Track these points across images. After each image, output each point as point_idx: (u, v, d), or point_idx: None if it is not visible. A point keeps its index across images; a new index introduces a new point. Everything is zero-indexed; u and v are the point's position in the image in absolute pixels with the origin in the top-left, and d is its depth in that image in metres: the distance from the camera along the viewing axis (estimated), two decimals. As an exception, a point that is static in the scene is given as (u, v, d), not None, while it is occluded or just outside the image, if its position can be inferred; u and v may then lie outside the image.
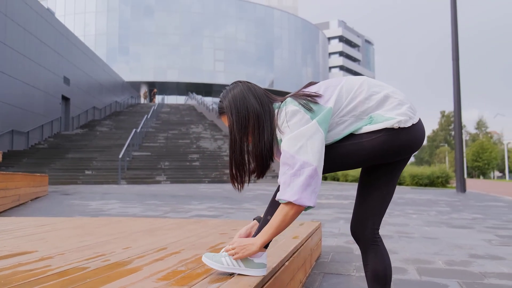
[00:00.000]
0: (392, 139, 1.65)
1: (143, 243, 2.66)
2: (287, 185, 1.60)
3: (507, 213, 7.75)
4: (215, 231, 3.25)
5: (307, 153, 1.59)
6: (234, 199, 9.83)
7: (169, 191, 12.42)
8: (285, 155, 1.61)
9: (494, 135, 72.66)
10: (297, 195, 1.58)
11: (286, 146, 1.61)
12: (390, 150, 1.67)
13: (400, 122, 1.64)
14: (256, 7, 56.33)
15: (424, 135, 1.76)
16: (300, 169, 1.58)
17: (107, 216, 6.30)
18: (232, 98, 1.75)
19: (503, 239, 4.71)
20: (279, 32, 57.36)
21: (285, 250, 2.34)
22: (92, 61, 29.32)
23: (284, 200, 1.61)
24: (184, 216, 6.41)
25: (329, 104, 1.67)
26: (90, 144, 21.68)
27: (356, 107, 1.68)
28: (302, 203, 1.59)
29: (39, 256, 2.21)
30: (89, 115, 28.55)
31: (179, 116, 32.30)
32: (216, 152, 22.28)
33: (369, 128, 1.66)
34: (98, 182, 16.66)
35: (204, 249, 2.45)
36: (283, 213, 1.64)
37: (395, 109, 1.68)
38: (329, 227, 5.42)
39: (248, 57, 54.15)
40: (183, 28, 51.84)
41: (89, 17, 50.88)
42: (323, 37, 68.20)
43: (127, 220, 4.06)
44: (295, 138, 1.61)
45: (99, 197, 9.99)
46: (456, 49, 14.42)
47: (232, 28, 53.77)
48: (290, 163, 1.60)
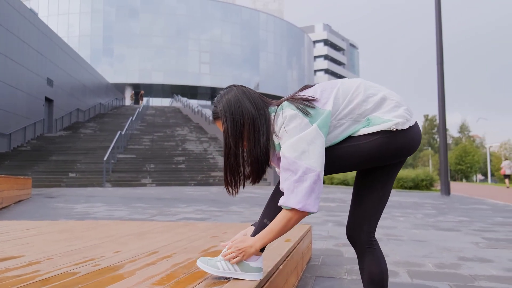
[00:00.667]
0: (390, 142, 1.64)
1: (133, 247, 2.61)
2: (291, 191, 1.57)
3: (491, 216, 7.84)
4: (206, 235, 3.21)
5: (310, 158, 1.57)
6: (221, 202, 9.77)
7: (155, 194, 12.31)
8: (287, 161, 1.59)
9: (476, 139, 73.73)
10: (302, 202, 1.56)
11: (287, 152, 1.59)
12: (388, 152, 1.66)
13: (398, 125, 1.63)
14: (241, 9, 56.39)
15: (420, 138, 1.75)
16: (303, 175, 1.56)
17: (93, 219, 6.20)
18: (227, 102, 1.71)
19: (490, 242, 4.75)
20: (265, 35, 57.49)
21: (279, 253, 2.31)
22: (76, 63, 29.00)
23: (288, 206, 1.59)
24: (172, 219, 6.35)
25: (327, 107, 1.65)
26: (74, 146, 21.41)
27: (354, 109, 1.66)
28: (307, 210, 1.57)
29: (27, 261, 2.15)
30: (73, 117, 28.20)
31: (164, 119, 32.10)
32: (202, 154, 22.17)
33: (367, 131, 1.64)
34: (83, 185, 16.44)
35: (196, 252, 2.41)
36: (286, 219, 1.61)
37: (393, 111, 1.67)
38: (318, 230, 5.41)
39: (234, 59, 54.15)
40: (168, 30, 51.64)
41: (73, 18, 50.41)
42: (309, 40, 68.55)
43: (115, 224, 3.99)
44: (296, 143, 1.58)
45: (84, 200, 9.86)
46: (440, 54, 14.58)
47: (218, 31, 53.72)
48: (293, 169, 1.57)
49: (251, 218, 6.61)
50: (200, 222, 5.32)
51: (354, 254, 3.89)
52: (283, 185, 1.61)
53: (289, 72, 60.89)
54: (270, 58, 57.87)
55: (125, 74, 50.51)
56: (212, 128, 27.22)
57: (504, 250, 4.26)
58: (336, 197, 12.28)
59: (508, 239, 4.99)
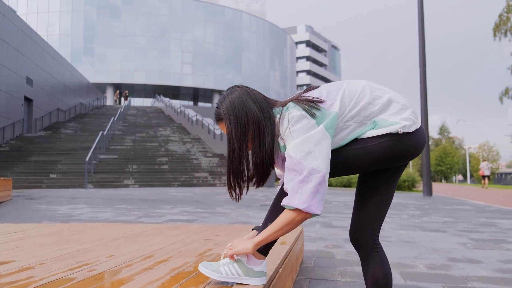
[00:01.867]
0: (396, 144, 1.63)
1: (127, 251, 2.56)
2: (295, 191, 1.54)
3: (475, 216, 7.94)
4: (199, 237, 3.17)
5: (316, 159, 1.54)
6: (206, 203, 9.71)
7: (138, 195, 12.18)
8: (292, 161, 1.56)
9: (455, 140, 74.84)
10: (306, 203, 1.53)
11: (293, 152, 1.56)
12: (394, 155, 1.65)
13: (405, 127, 1.62)
14: (224, 10, 56.28)
15: (425, 141, 1.74)
16: (309, 175, 1.53)
17: (78, 221, 6.10)
18: (230, 103, 1.67)
19: (477, 243, 4.80)
20: (248, 35, 57.47)
21: (278, 256, 2.29)
22: (56, 62, 28.54)
23: (291, 207, 1.56)
24: (158, 221, 6.27)
25: (334, 109, 1.63)
26: (54, 147, 21.07)
27: (360, 111, 1.65)
28: (311, 211, 1.54)
29: (19, 266, 2.09)
30: (53, 117, 27.74)
31: (147, 119, 31.83)
32: (185, 155, 22.04)
33: (373, 133, 1.63)
34: (64, 186, 16.19)
35: (192, 256, 2.37)
36: (289, 219, 1.58)
37: (399, 113, 1.66)
38: (307, 232, 5.40)
39: (216, 60, 54.00)
40: (150, 30, 51.23)
41: (53, 16, 49.65)
42: (291, 41, 68.75)
43: (103, 226, 3.92)
44: (302, 144, 1.55)
45: (66, 202, 9.69)
46: (423, 57, 14.75)
47: (200, 31, 53.51)
48: (298, 169, 1.54)
49: (238, 220, 6.58)
50: (190, 224, 5.27)
51: (345, 256, 3.90)
52: (288, 186, 1.58)
53: (272, 73, 60.97)
54: (253, 58, 57.88)
55: (106, 74, 49.95)
56: (195, 129, 27.09)
57: (491, 251, 4.31)
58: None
59: (494, 239, 5.06)
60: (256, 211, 8.00)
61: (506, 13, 22.01)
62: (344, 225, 6.08)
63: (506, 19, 22.03)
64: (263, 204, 9.78)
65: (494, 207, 10.46)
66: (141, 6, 51.12)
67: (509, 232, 5.70)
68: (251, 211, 7.99)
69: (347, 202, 10.78)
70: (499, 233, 5.60)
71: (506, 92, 22.82)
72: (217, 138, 23.24)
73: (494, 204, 11.82)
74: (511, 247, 4.56)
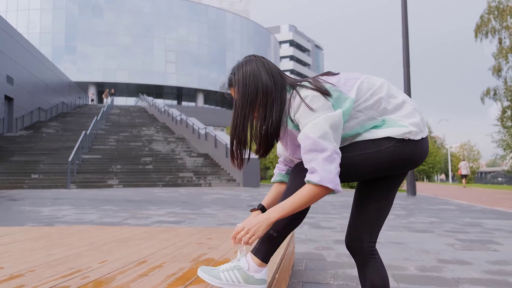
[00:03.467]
0: (401, 151, 1.61)
1: (119, 256, 2.51)
2: (321, 169, 1.52)
3: (460, 216, 8.03)
4: (191, 241, 3.13)
5: (332, 141, 1.54)
6: (192, 204, 9.65)
7: (123, 196, 12.05)
8: (311, 142, 1.53)
9: (437, 140, 75.79)
10: (333, 182, 1.52)
11: (311, 132, 1.53)
12: (397, 162, 1.63)
13: (411, 133, 1.60)
14: (208, 9, 56.10)
15: (428, 151, 1.73)
16: (332, 155, 1.52)
17: (63, 224, 6.00)
18: (244, 71, 1.67)
19: (464, 243, 4.84)
20: (232, 35, 57.39)
21: (274, 261, 2.26)
22: (37, 60, 28.11)
23: (317, 182, 1.52)
24: (146, 223, 6.20)
25: (350, 95, 1.62)
26: (36, 147, 20.75)
27: (374, 105, 1.63)
28: (336, 189, 1.54)
29: (8, 274, 2.03)
30: (34, 116, 27.33)
31: (130, 118, 31.57)
32: (170, 155, 21.90)
33: (379, 134, 1.61)
34: (46, 187, 15.95)
35: (187, 261, 2.33)
36: (311, 194, 1.55)
37: (409, 116, 1.64)
38: (295, 233, 5.39)
39: (200, 59, 53.80)
40: (133, 29, 50.82)
41: (34, 14, 48.92)
42: (275, 41, 68.85)
43: (92, 229, 3.85)
44: (321, 124, 1.53)
45: (50, 203, 9.53)
46: (407, 57, 14.87)
47: (184, 30, 53.26)
48: (319, 148, 1.52)
49: (226, 221, 6.55)
50: (181, 227, 5.23)
51: (336, 258, 3.89)
52: (310, 165, 1.54)
53: (256, 73, 60.88)
54: (237, 58, 57.75)
55: (88, 73, 49.40)
56: (179, 128, 26.94)
57: (479, 251, 4.35)
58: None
59: (481, 240, 5.11)
60: (243, 212, 7.98)
61: (487, 14, 22.33)
62: (332, 226, 6.08)
63: (487, 20, 22.35)
64: (249, 204, 9.76)
65: (477, 207, 10.60)
66: (124, 4, 50.68)
67: (494, 233, 5.76)
68: (237, 212, 7.97)
69: (333, 202, 10.82)
70: (485, 233, 5.66)
71: (487, 92, 23.18)
72: (202, 138, 23.15)
73: (477, 203, 11.98)
74: (497, 247, 4.61)
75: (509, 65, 21.89)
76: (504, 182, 50.00)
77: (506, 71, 22.15)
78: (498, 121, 25.30)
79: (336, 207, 9.47)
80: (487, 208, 10.20)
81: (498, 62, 22.06)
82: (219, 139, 20.90)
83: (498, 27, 22.07)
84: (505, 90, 22.23)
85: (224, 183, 19.02)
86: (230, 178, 19.39)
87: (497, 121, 25.33)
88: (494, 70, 22.21)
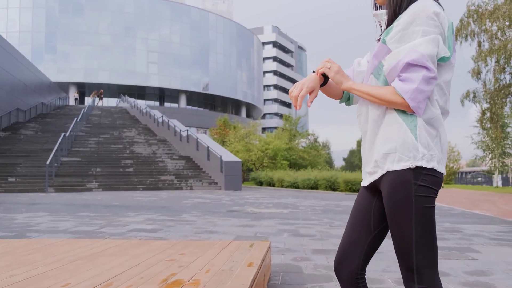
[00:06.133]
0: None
1: (84, 277, 2.40)
2: (413, 82, 1.41)
3: (439, 221, 8.05)
4: (162, 257, 3.03)
5: (435, 66, 1.44)
6: (172, 209, 9.52)
7: (102, 200, 11.85)
8: (422, 57, 1.41)
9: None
10: (420, 106, 1.42)
11: (428, 50, 1.41)
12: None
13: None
14: (191, 10, 55.80)
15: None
16: (434, 78, 1.42)
17: (36, 232, 5.84)
18: None
19: (442, 251, 4.83)
20: (214, 35, 57.17)
21: (244, 283, 2.18)
22: (15, 60, 27.57)
23: (403, 95, 1.42)
24: (122, 231, 6.07)
25: (452, 58, 1.50)
26: (13, 149, 20.34)
27: (442, 89, 1.51)
28: (418, 112, 1.43)
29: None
30: (12, 117, 26.80)
31: (111, 120, 31.19)
32: (151, 157, 21.67)
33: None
34: (23, 190, 15.63)
35: (155, 284, 2.23)
36: (388, 97, 1.46)
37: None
38: (273, 242, 5.32)
39: (183, 60, 53.47)
40: (115, 28, 50.29)
41: (12, 13, 48.06)
42: (258, 42, 68.81)
43: (62, 243, 3.72)
44: (434, 44, 1.43)
45: (25, 209, 9.31)
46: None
47: (166, 30, 52.89)
48: (429, 67, 1.41)
49: (204, 228, 6.45)
50: (155, 239, 5.13)
51: (314, 270, 3.83)
52: (405, 75, 1.43)
53: (239, 73, 60.85)
54: (220, 59, 57.62)
55: (69, 73, 48.71)
56: (161, 130, 26.70)
57: (457, 261, 4.34)
58: (288, 202, 12.29)
59: (459, 247, 5.11)
60: (223, 218, 7.88)
61: (466, 18, 22.59)
62: (312, 234, 6.03)
63: (466, 24, 22.60)
64: (230, 209, 9.67)
65: (457, 210, 10.68)
66: (106, 3, 50.13)
67: (473, 239, 5.78)
68: (217, 218, 7.87)
69: (314, 207, 10.79)
70: (464, 240, 5.67)
71: (466, 95, 23.43)
72: (184, 140, 22.98)
73: (457, 206, 12.09)
74: (476, 255, 4.61)
75: (488, 68, 22.18)
76: (484, 182, 50.77)
77: (485, 74, 22.44)
78: (478, 123, 25.65)
79: (316, 212, 9.44)
80: (466, 212, 10.28)
81: (478, 65, 22.31)
82: (201, 141, 20.76)
83: (477, 31, 22.33)
84: (484, 92, 22.51)
85: (205, 186, 18.88)
86: (212, 181, 19.26)
87: (477, 122, 25.69)
88: (474, 73, 22.46)
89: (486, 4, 21.86)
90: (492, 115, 22.66)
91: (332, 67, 1.57)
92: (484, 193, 21.92)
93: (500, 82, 21.84)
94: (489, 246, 5.28)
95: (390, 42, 1.49)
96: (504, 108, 23.11)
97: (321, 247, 4.99)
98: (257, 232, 6.17)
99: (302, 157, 34.07)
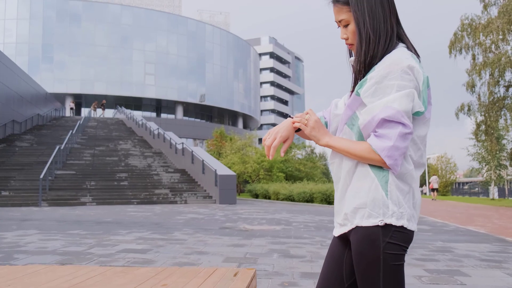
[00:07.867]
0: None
1: (62, 314, 2.36)
2: (389, 138, 1.39)
3: (432, 239, 8.04)
4: (144, 289, 2.99)
5: (410, 122, 1.42)
6: (164, 226, 9.48)
7: (94, 216, 11.80)
8: (398, 114, 1.39)
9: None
10: (390, 156, 1.40)
11: (403, 105, 1.39)
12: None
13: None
14: (188, 21, 56.07)
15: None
16: (410, 134, 1.40)
17: (24, 254, 5.79)
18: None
19: (432, 275, 4.81)
20: (211, 46, 57.37)
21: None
22: (11, 71, 27.58)
23: (379, 153, 1.40)
24: (110, 252, 6.03)
25: (426, 113, 1.49)
26: (8, 162, 20.27)
27: (417, 144, 1.50)
28: (394, 170, 1.41)
29: None
30: (8, 129, 26.75)
31: (107, 131, 31.17)
32: (146, 170, 21.63)
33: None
34: (16, 204, 15.55)
35: (131, 323, 2.20)
36: (363, 154, 1.44)
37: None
38: (262, 263, 5.28)
39: (180, 71, 53.60)
40: (112, 39, 50.45)
41: (10, 24, 48.19)
42: (255, 53, 69.08)
43: (45, 270, 3.67)
44: (412, 100, 1.41)
45: (16, 226, 9.25)
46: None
47: (163, 41, 53.07)
48: (406, 123, 1.39)
49: (195, 249, 6.41)
50: (140, 266, 5.11)
51: (300, 298, 3.80)
52: (381, 132, 1.41)
53: (236, 84, 61.00)
54: (217, 70, 57.78)
55: (65, 84, 48.76)
56: (157, 142, 26.68)
57: (445, 286, 4.32)
58: (282, 218, 12.26)
59: (448, 270, 5.08)
60: (215, 237, 7.84)
61: (460, 31, 22.74)
62: (302, 255, 6.00)
63: (460, 37, 22.74)
64: (222, 226, 9.63)
65: (451, 226, 10.67)
66: (103, 14, 50.34)
67: (463, 260, 5.76)
68: (208, 237, 7.83)
69: (308, 223, 10.76)
70: (454, 261, 5.65)
71: (461, 108, 23.50)
72: (179, 153, 22.95)
73: (451, 221, 12.07)
74: (464, 280, 4.59)
75: (482, 81, 22.27)
76: (481, 193, 50.77)
77: (480, 87, 22.53)
78: (473, 135, 25.70)
79: (309, 229, 9.41)
80: (460, 228, 10.26)
81: (472, 78, 22.41)
82: (196, 154, 20.74)
83: (471, 44, 22.47)
84: (479, 105, 22.59)
85: (200, 200, 18.83)
86: (207, 194, 19.22)
87: (472, 135, 25.74)
88: (468, 86, 22.55)
89: (480, 18, 22.03)
90: (487, 128, 22.71)
91: (308, 123, 1.55)
92: (480, 206, 21.92)
93: (494, 95, 21.92)
94: (479, 268, 5.26)
95: (364, 96, 1.47)
96: (499, 121, 23.17)
97: (310, 270, 4.96)
98: (247, 252, 6.13)
99: (298, 169, 34.05)
